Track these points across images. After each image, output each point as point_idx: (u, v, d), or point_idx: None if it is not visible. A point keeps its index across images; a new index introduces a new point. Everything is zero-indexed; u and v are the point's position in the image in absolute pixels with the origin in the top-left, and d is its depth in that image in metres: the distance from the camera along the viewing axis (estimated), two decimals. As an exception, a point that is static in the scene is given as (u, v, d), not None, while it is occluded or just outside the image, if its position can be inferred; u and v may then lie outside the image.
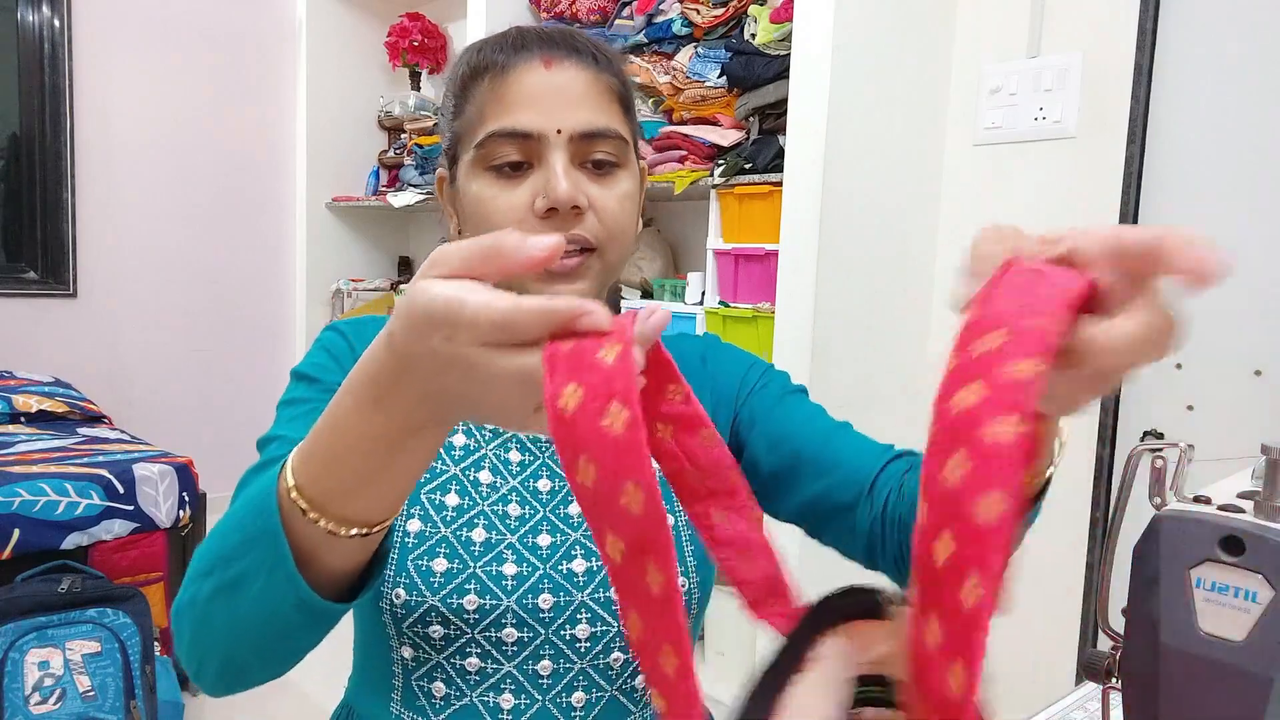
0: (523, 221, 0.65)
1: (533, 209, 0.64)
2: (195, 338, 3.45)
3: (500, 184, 0.66)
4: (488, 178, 0.66)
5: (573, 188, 0.64)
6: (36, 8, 3.04)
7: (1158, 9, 1.79)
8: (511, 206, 0.65)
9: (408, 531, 0.67)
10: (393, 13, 3.56)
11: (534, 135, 0.64)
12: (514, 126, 0.64)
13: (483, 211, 0.66)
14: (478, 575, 0.66)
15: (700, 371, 0.78)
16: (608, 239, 0.66)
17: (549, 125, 0.64)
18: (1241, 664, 0.42)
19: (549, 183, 0.64)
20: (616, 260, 0.68)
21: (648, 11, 2.40)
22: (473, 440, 0.72)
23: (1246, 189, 1.72)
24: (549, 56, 0.66)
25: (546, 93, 0.65)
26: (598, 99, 0.67)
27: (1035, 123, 1.94)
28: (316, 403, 0.64)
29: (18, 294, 3.07)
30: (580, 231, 0.65)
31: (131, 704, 1.75)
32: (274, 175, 3.59)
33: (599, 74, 0.67)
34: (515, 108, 0.65)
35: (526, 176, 0.65)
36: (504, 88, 0.65)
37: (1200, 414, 1.79)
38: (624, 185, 0.68)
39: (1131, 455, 0.52)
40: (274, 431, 0.64)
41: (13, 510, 1.79)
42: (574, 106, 0.65)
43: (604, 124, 0.66)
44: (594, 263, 0.66)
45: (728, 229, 2.14)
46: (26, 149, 3.09)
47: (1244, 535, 0.42)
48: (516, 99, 0.65)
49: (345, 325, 0.73)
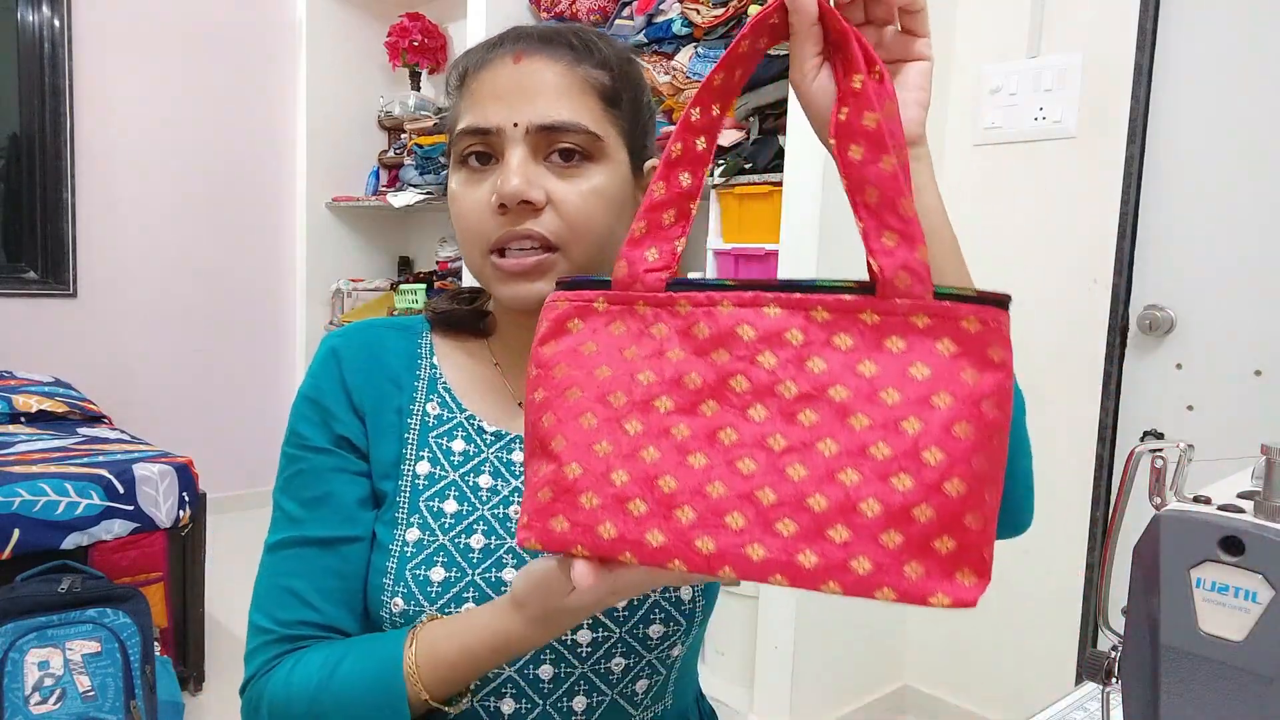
0: (483, 218, 0.64)
1: (490, 205, 0.64)
2: (195, 338, 3.45)
3: (468, 180, 0.66)
4: (461, 174, 0.67)
5: (523, 183, 0.62)
6: (36, 8, 3.04)
7: (1158, 9, 1.79)
8: (474, 201, 0.65)
9: (406, 541, 0.66)
10: (393, 13, 3.56)
11: (492, 130, 0.64)
12: (475, 123, 0.64)
13: (455, 208, 0.67)
14: (476, 583, 0.65)
15: None
16: (571, 236, 0.64)
17: (507, 119, 0.63)
18: (1241, 664, 0.42)
19: (500, 177, 0.63)
20: (587, 258, 0.66)
21: (648, 11, 2.40)
22: (472, 446, 0.70)
23: (1246, 189, 1.72)
24: (521, 51, 0.65)
25: (510, 87, 0.64)
26: (565, 91, 0.64)
27: (1035, 123, 1.94)
28: (303, 464, 0.68)
29: (18, 294, 3.07)
30: (534, 228, 0.63)
31: (131, 704, 1.75)
32: (274, 175, 3.59)
33: (573, 67, 0.65)
34: (482, 103, 0.65)
35: (491, 172, 0.65)
36: (476, 84, 0.66)
37: (1200, 414, 1.79)
38: (594, 180, 0.65)
39: (1131, 455, 0.52)
40: (277, 494, 0.70)
41: (13, 510, 1.79)
42: (536, 99, 0.63)
43: (565, 117, 0.63)
44: (558, 261, 0.64)
45: (728, 229, 2.14)
46: (26, 149, 3.09)
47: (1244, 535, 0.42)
48: (484, 95, 0.65)
49: (341, 341, 0.72)
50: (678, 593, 0.69)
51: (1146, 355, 1.85)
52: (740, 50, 0.47)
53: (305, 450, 0.68)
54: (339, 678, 0.60)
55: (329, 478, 0.68)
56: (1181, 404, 1.82)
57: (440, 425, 0.70)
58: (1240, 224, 1.73)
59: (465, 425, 0.71)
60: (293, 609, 0.65)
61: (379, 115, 3.68)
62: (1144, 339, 1.85)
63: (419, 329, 0.75)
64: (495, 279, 0.65)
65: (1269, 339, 1.71)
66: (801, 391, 0.42)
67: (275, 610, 0.65)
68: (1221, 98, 1.75)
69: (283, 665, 0.63)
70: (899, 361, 0.41)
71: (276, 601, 0.66)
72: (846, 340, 0.42)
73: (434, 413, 0.71)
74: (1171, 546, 0.45)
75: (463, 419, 0.71)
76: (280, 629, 0.65)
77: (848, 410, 0.41)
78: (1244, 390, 1.74)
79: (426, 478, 0.68)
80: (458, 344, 0.75)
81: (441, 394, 0.71)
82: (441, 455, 0.69)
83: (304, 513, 0.67)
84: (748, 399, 0.43)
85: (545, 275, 0.64)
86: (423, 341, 0.74)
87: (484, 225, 0.64)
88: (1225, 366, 1.76)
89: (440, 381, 0.72)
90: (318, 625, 0.65)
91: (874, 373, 0.41)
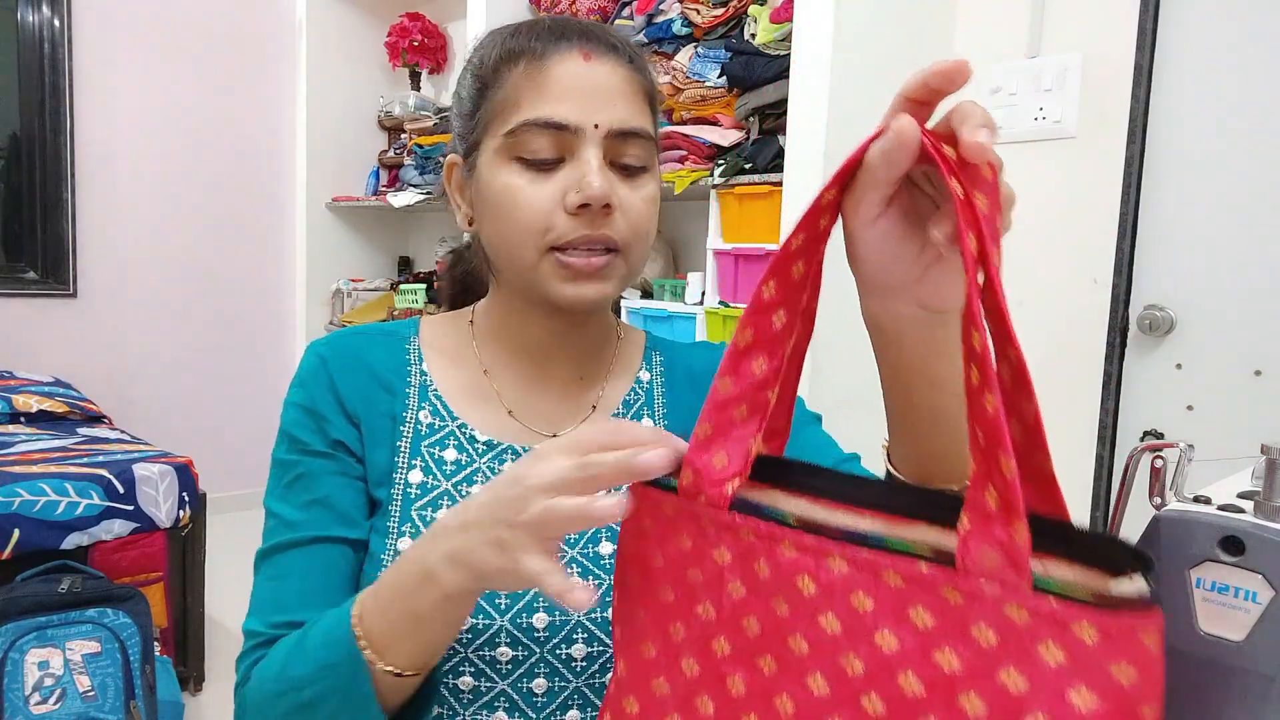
0: (550, 215, 0.63)
1: (563, 203, 0.63)
2: (195, 338, 3.45)
3: (529, 175, 0.64)
4: (516, 167, 0.64)
5: (607, 185, 0.62)
6: (36, 8, 3.03)
7: (1158, 9, 1.79)
8: (540, 198, 0.63)
9: (398, 551, 0.65)
10: (393, 13, 3.55)
11: (570, 128, 0.62)
12: (550, 117, 0.62)
13: (509, 201, 0.64)
14: None
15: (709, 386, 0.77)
16: (633, 241, 0.65)
17: (586, 119, 0.63)
18: (1241, 664, 0.42)
19: (584, 177, 0.62)
20: (638, 263, 0.67)
21: (648, 11, 2.40)
22: (464, 455, 0.69)
23: (1246, 189, 1.72)
24: (588, 49, 0.64)
25: (584, 86, 0.63)
26: (633, 97, 0.65)
27: (1035, 123, 1.94)
28: (300, 469, 0.67)
29: (18, 294, 3.07)
30: (608, 231, 0.63)
31: (131, 704, 1.75)
32: (274, 175, 3.59)
33: (633, 73, 0.66)
34: (552, 98, 0.63)
35: (557, 170, 0.64)
36: (541, 75, 0.63)
37: (1200, 414, 1.79)
38: (649, 188, 0.66)
39: (1131, 455, 0.52)
40: (270, 502, 0.68)
41: (13, 510, 1.79)
42: (611, 103, 0.63)
43: (639, 123, 0.65)
44: (619, 264, 0.65)
45: (728, 229, 2.14)
46: (26, 149, 3.09)
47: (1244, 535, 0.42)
48: (554, 89, 0.63)
49: (328, 349, 0.71)
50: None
51: (1146, 355, 1.85)
52: (823, 202, 0.43)
53: (304, 455, 0.67)
54: (300, 650, 0.59)
55: (329, 480, 0.67)
56: (1181, 404, 1.82)
57: (433, 434, 0.69)
58: (1240, 224, 1.73)
59: (457, 434, 0.70)
60: (286, 611, 0.64)
61: (379, 115, 3.68)
62: (1144, 339, 1.85)
63: (405, 334, 0.74)
64: (557, 277, 0.64)
65: (1269, 339, 1.70)
66: (867, 670, 0.36)
67: (269, 614, 0.64)
68: (1221, 98, 1.75)
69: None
70: (986, 661, 0.33)
71: (270, 606, 0.65)
72: (925, 618, 0.35)
73: (426, 421, 0.70)
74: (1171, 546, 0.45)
75: (454, 427, 0.70)
76: (271, 631, 0.64)
77: (919, 709, 0.34)
78: (1244, 390, 1.74)
79: (419, 487, 0.67)
80: (445, 350, 0.74)
81: (433, 401, 0.71)
82: (434, 464, 0.68)
83: (302, 516, 0.66)
84: (807, 664, 0.38)
85: (609, 278, 0.65)
86: (410, 347, 0.73)
87: (550, 223, 0.63)
88: (1225, 366, 1.76)
89: (431, 388, 0.71)
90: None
91: (954, 669, 0.34)
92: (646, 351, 0.79)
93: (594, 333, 0.74)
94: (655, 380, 0.77)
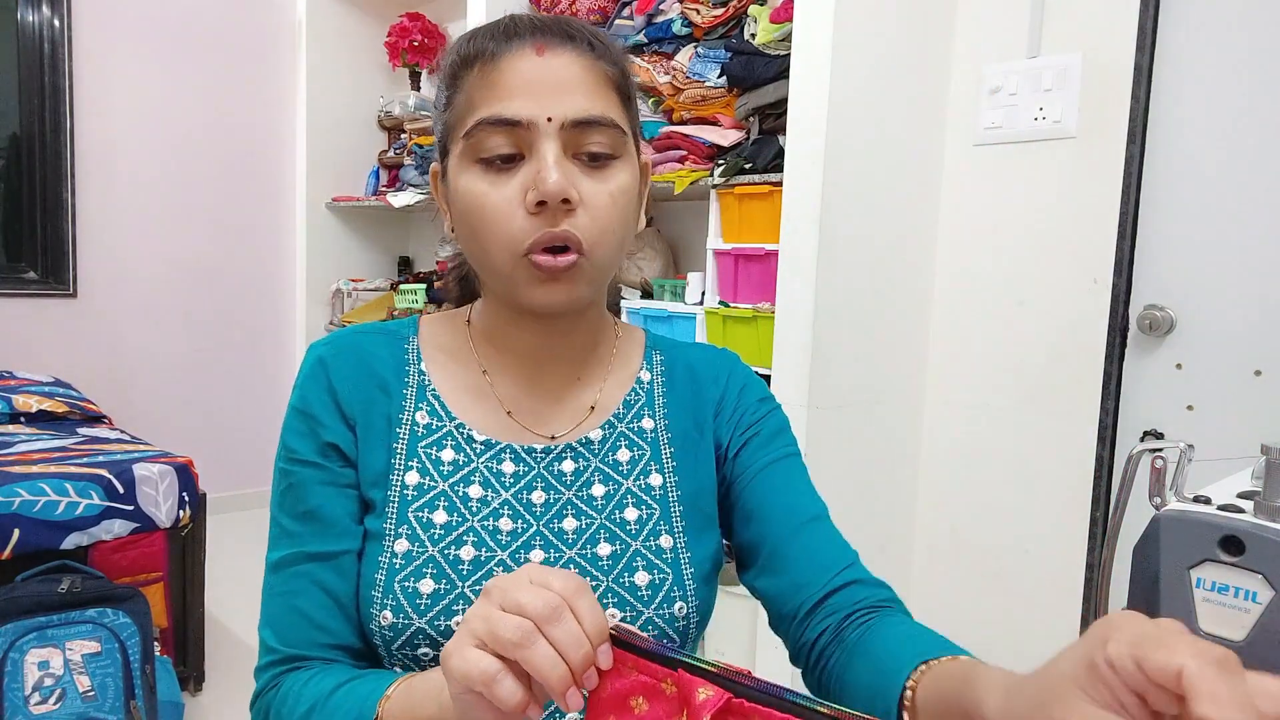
0: (513, 216, 0.62)
1: (523, 203, 0.62)
2: (195, 338, 3.45)
3: (490, 177, 0.63)
4: (477, 170, 0.63)
5: (564, 179, 0.60)
6: (36, 8, 3.03)
7: (1158, 9, 1.79)
8: (502, 200, 0.62)
9: (395, 552, 0.65)
10: (393, 13, 3.55)
11: (524, 123, 0.61)
12: (502, 114, 0.61)
13: (477, 209, 0.63)
14: (466, 595, 0.64)
15: (710, 389, 0.76)
16: (598, 238, 0.63)
17: (539, 113, 0.61)
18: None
19: (539, 174, 0.61)
20: (607, 261, 0.65)
21: (648, 11, 2.40)
22: (462, 455, 0.69)
23: (1246, 189, 1.72)
24: (541, 43, 0.63)
25: (538, 79, 0.62)
26: (593, 86, 0.63)
27: (1035, 123, 1.94)
28: (292, 478, 0.68)
29: (18, 294, 3.07)
30: (569, 229, 0.61)
31: (131, 704, 1.75)
32: (274, 175, 3.59)
33: (594, 61, 0.64)
34: (505, 95, 0.62)
35: (517, 168, 0.62)
36: (494, 75, 0.62)
37: (1200, 414, 1.79)
38: (619, 179, 0.64)
39: (1131, 455, 0.52)
40: (273, 508, 0.69)
41: (13, 510, 1.79)
42: (567, 93, 0.62)
43: (598, 112, 0.63)
44: (584, 264, 0.63)
45: (728, 229, 2.14)
46: (26, 149, 3.08)
47: (1244, 535, 0.42)
48: (507, 86, 0.62)
49: (328, 350, 0.71)
50: (671, 609, 0.68)
51: (1146, 355, 1.85)
52: None
53: (294, 464, 0.68)
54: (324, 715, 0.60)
55: (316, 492, 0.67)
56: (1181, 404, 1.82)
57: (430, 435, 0.69)
58: (1240, 224, 1.73)
59: (455, 434, 0.69)
60: (299, 630, 0.65)
61: (379, 115, 3.68)
62: (1144, 339, 1.85)
63: (405, 334, 0.74)
64: (531, 281, 0.63)
65: (1269, 339, 1.70)
66: None
67: (283, 630, 0.65)
68: (1221, 98, 1.75)
69: (284, 684, 0.64)
70: None
71: (284, 621, 0.66)
72: None
73: (423, 422, 0.69)
74: (1171, 546, 0.45)
75: (452, 427, 0.70)
76: (286, 649, 0.65)
77: None
78: (1244, 390, 1.74)
79: (415, 488, 0.67)
80: (445, 349, 0.74)
81: (431, 401, 0.70)
82: (431, 465, 0.68)
83: (299, 527, 0.67)
84: None
85: (576, 280, 0.63)
86: (410, 347, 0.73)
87: (516, 226, 0.62)
88: (1225, 366, 1.76)
89: (429, 388, 0.71)
90: (323, 645, 0.65)
91: None
92: (647, 351, 0.78)
93: (587, 334, 0.74)
94: (656, 380, 0.77)
